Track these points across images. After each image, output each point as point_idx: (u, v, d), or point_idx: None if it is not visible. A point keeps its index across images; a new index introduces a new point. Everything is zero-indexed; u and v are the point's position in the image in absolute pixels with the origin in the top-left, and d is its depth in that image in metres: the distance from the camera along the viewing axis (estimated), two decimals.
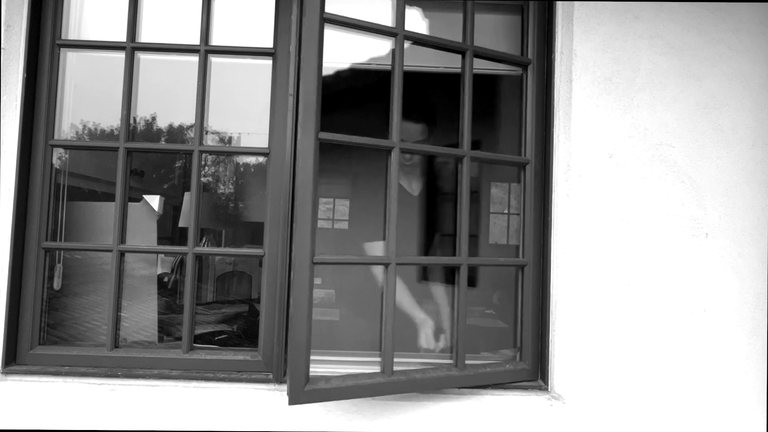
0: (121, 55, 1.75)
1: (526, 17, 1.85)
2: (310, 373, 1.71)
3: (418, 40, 1.64)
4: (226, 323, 2.72)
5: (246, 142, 2.25)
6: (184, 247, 1.72)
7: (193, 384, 1.66)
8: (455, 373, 1.61)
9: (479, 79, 1.76)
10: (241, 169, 2.93)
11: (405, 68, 2.02)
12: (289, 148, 1.71)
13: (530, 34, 1.81)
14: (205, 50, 1.75)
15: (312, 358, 1.77)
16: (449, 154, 1.66)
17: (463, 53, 1.68)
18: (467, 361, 1.68)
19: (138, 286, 2.21)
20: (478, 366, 1.67)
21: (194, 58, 1.75)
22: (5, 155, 1.67)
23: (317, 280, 4.59)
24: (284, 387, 1.66)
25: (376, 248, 2.18)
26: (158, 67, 1.97)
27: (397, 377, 1.53)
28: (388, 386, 1.52)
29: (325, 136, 1.46)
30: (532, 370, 1.75)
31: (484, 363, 1.72)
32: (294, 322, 1.40)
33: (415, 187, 2.34)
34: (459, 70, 2.02)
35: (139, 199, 2.21)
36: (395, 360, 1.79)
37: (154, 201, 2.26)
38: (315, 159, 1.42)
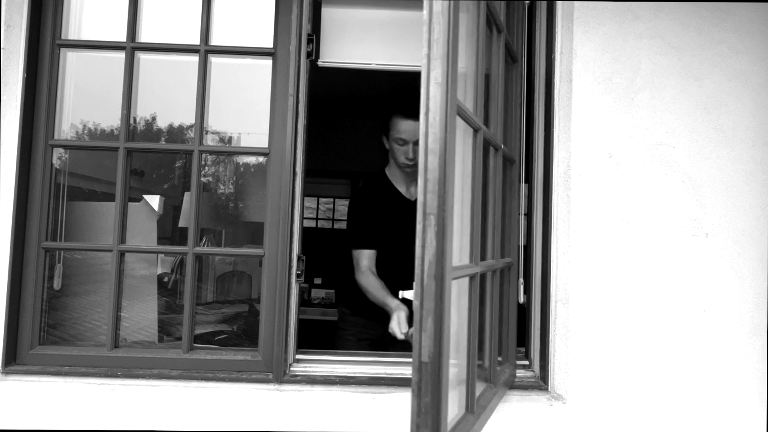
0: (121, 55, 1.75)
1: (513, 16, 1.82)
2: (310, 372, 1.71)
3: None
4: (226, 323, 2.71)
5: (246, 142, 2.24)
6: (184, 247, 1.72)
7: (193, 384, 1.66)
8: (494, 389, 1.51)
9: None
10: (241, 169, 2.93)
11: (405, 68, 2.02)
12: (289, 148, 1.71)
13: (515, 33, 1.80)
14: (205, 50, 1.75)
15: (312, 357, 1.77)
16: (492, 144, 1.48)
17: (499, 32, 1.59)
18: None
19: (138, 286, 2.20)
20: (497, 374, 1.63)
21: (194, 58, 1.75)
22: (5, 155, 1.67)
23: (316, 280, 4.59)
24: (284, 387, 1.66)
25: (363, 256, 2.19)
26: (158, 67, 1.96)
27: (478, 410, 1.34)
28: (479, 423, 1.34)
29: (462, 102, 1.13)
30: (515, 372, 1.74)
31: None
32: (443, 371, 0.96)
33: (413, 192, 2.34)
34: (460, 69, 2.02)
35: (139, 199, 2.21)
36: (391, 360, 1.79)
37: (154, 201, 2.26)
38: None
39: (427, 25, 0.99)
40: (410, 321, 1.98)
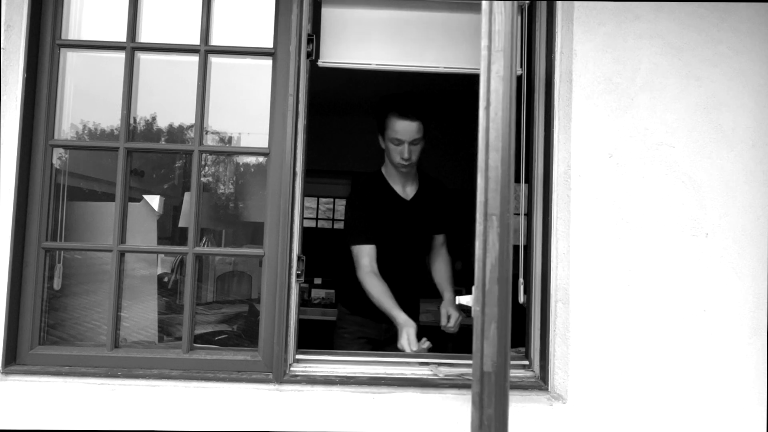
0: (121, 55, 1.75)
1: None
2: (310, 372, 1.71)
3: None
4: (226, 323, 2.71)
5: (246, 142, 2.24)
6: (184, 247, 1.72)
7: (193, 384, 1.66)
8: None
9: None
10: (241, 169, 2.93)
11: (405, 68, 2.02)
12: (289, 148, 1.71)
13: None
14: (205, 50, 1.75)
15: (312, 357, 1.77)
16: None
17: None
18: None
19: (138, 286, 2.21)
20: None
21: (194, 58, 1.75)
22: (5, 155, 1.67)
23: (316, 280, 4.59)
24: (284, 387, 1.66)
25: (363, 253, 2.18)
26: (158, 67, 1.96)
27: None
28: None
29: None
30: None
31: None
32: None
33: (408, 191, 2.33)
34: (461, 71, 2.02)
35: (139, 199, 2.21)
36: (391, 360, 1.80)
37: (154, 201, 2.26)
38: None
39: (488, 15, 0.93)
40: (418, 336, 1.99)
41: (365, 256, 2.18)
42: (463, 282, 2.79)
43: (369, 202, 2.28)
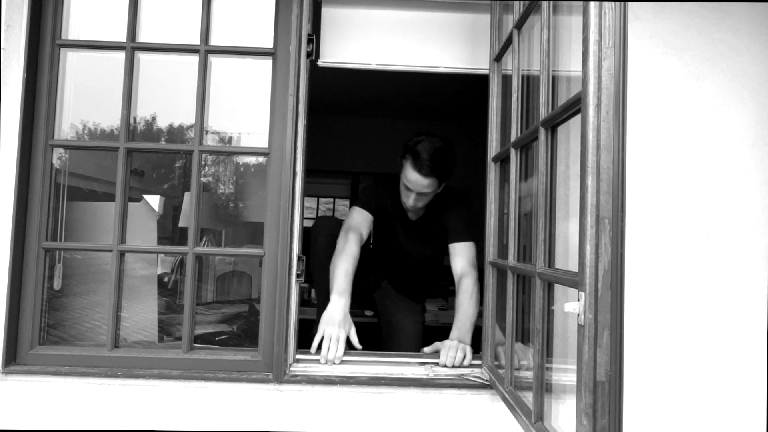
0: (121, 55, 1.75)
1: (494, 17, 1.81)
2: (310, 372, 1.71)
3: None
4: (226, 323, 2.72)
5: (246, 142, 2.24)
6: (184, 247, 1.72)
7: (193, 384, 1.66)
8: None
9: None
10: (241, 169, 2.93)
11: (405, 68, 2.02)
12: (289, 148, 1.71)
13: (493, 34, 1.79)
14: (205, 50, 1.75)
15: (312, 357, 1.77)
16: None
17: (519, 27, 1.54)
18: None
19: (138, 286, 2.21)
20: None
21: (194, 58, 1.75)
22: (5, 155, 1.67)
23: None
24: (284, 387, 1.66)
25: (357, 215, 2.10)
26: (158, 67, 1.97)
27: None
28: None
29: None
30: None
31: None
32: None
33: (411, 215, 2.24)
34: (461, 71, 2.02)
35: (139, 199, 2.21)
36: (391, 360, 1.79)
37: (154, 201, 2.26)
38: None
39: (598, 8, 0.91)
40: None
41: (360, 220, 2.07)
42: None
43: (380, 200, 2.21)
